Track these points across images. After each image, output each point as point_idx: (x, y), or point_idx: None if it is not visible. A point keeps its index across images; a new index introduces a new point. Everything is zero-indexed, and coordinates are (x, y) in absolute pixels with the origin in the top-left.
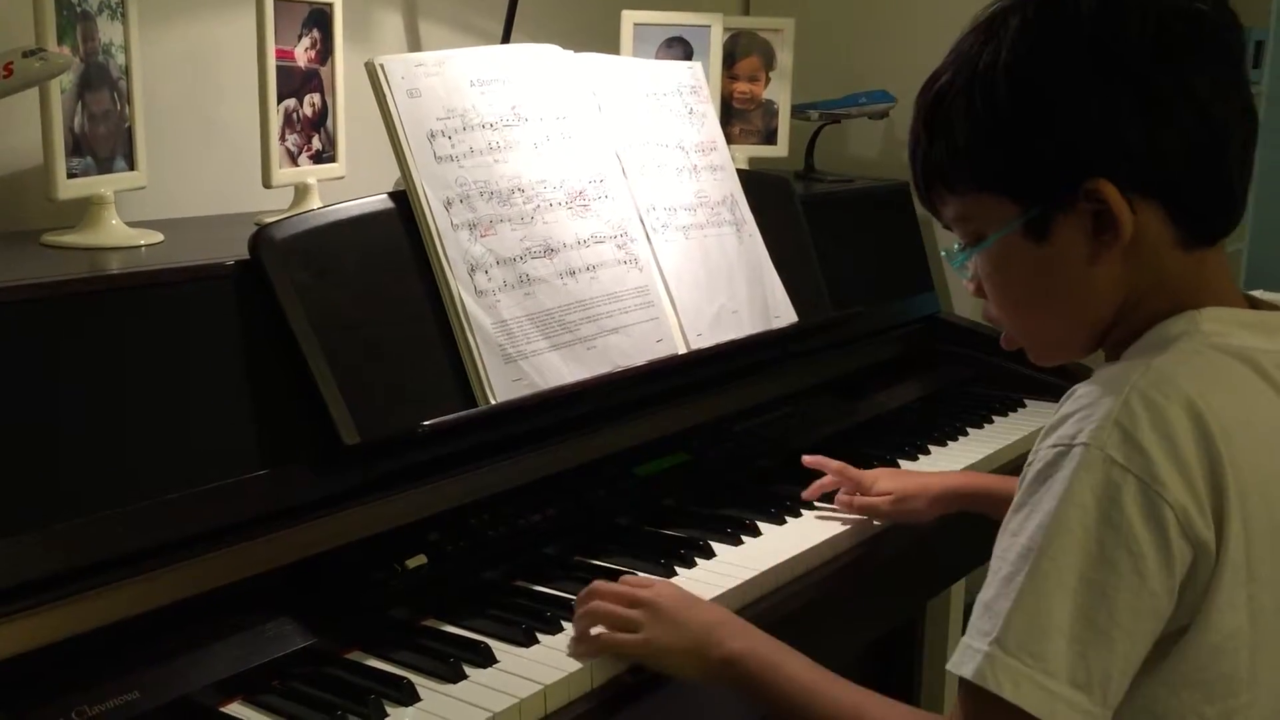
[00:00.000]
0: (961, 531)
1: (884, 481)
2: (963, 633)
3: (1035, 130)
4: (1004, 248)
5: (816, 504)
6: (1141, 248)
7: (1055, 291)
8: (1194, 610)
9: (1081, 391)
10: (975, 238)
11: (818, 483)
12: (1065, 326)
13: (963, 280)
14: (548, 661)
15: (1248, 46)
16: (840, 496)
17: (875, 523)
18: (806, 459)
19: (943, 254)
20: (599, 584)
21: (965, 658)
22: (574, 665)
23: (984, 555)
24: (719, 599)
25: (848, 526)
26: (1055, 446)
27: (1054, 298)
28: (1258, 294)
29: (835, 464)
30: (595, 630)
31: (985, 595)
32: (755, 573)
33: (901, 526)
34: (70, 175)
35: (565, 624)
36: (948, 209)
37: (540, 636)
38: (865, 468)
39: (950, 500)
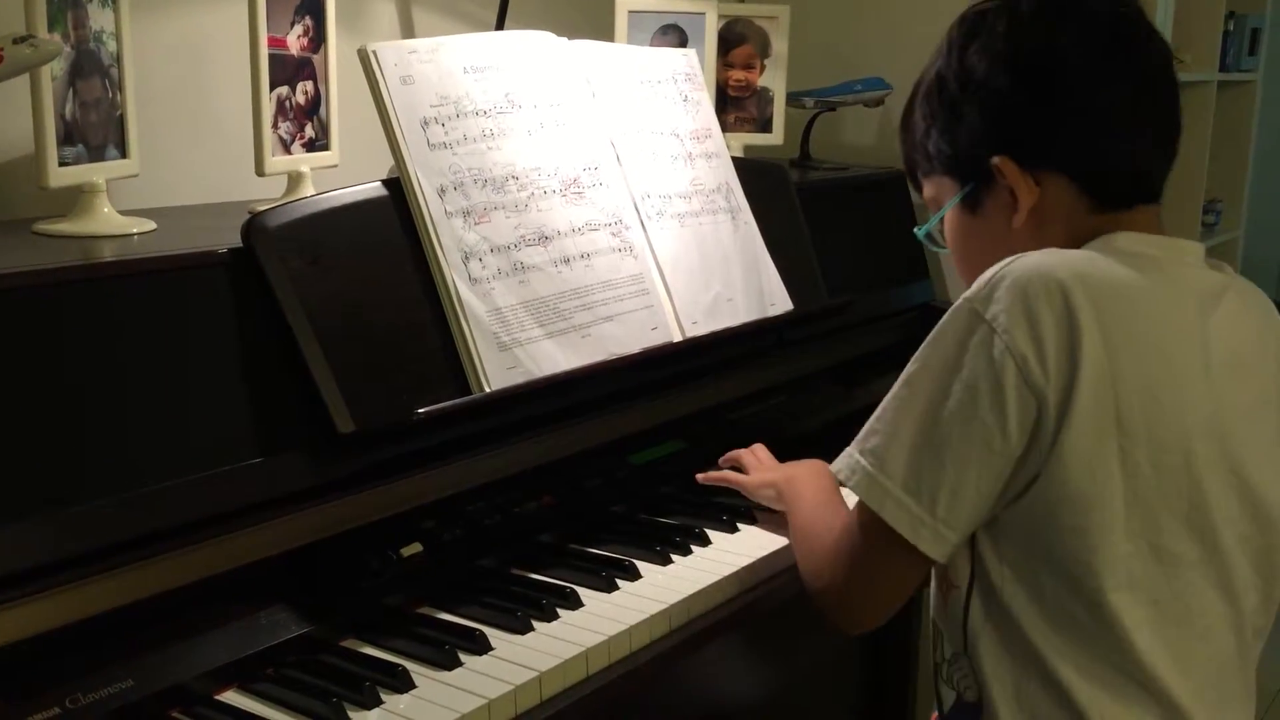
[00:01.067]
0: None
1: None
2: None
3: (959, 120)
4: (953, 219)
5: None
6: (1054, 212)
7: (988, 250)
8: (1042, 462)
9: (990, 268)
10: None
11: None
12: None
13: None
14: (543, 649)
15: (1141, 16)
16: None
17: None
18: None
19: (916, 231)
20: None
21: (842, 457)
22: (570, 652)
23: None
24: (715, 586)
25: None
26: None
27: (988, 255)
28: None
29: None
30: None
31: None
32: (751, 560)
33: None
34: (62, 163)
35: (561, 611)
36: (925, 190)
37: (535, 624)
38: None
39: None
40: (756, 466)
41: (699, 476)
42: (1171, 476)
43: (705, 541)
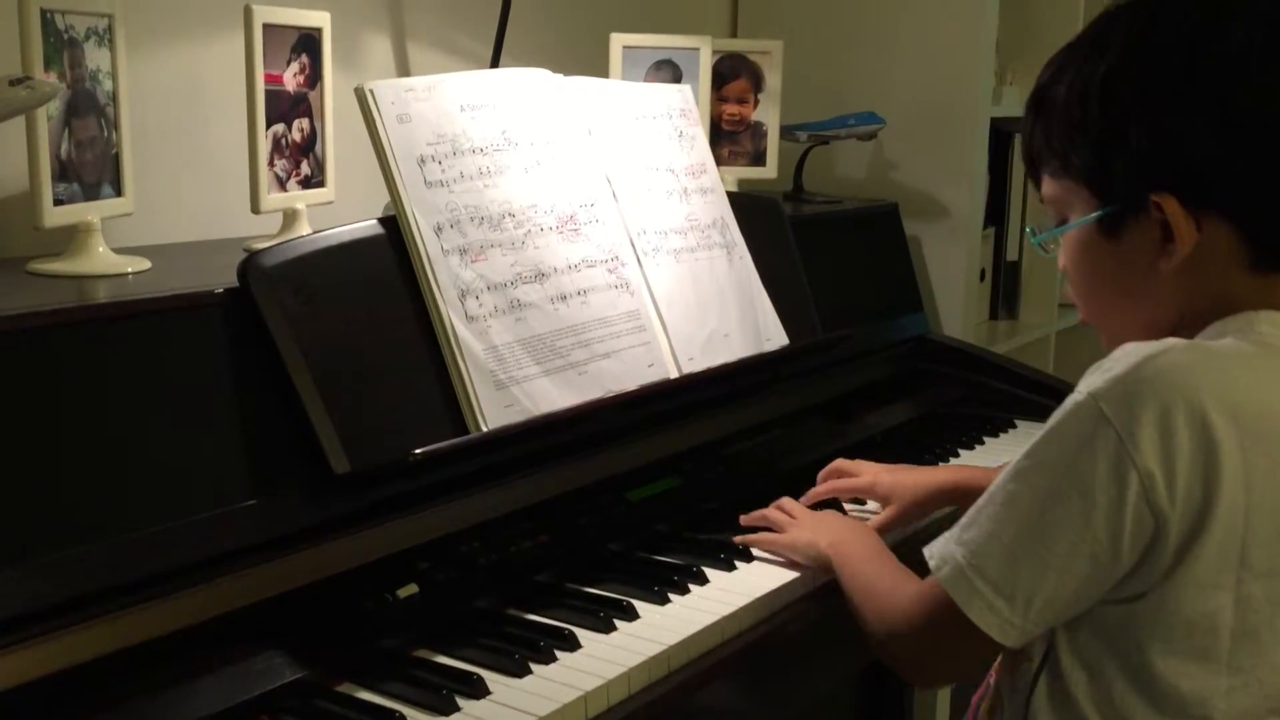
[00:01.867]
0: None
1: (872, 474)
2: None
3: (1114, 137)
4: (1081, 236)
5: None
6: (1207, 264)
7: (1118, 287)
8: (1154, 581)
9: (1123, 348)
10: (1060, 220)
11: (813, 491)
12: (1124, 321)
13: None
14: (541, 692)
15: None
16: (831, 484)
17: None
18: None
19: (1027, 230)
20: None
21: (939, 542)
22: (568, 696)
23: None
24: (714, 627)
25: None
26: (1075, 394)
27: (1117, 293)
28: None
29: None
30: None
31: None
32: (750, 599)
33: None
34: (57, 202)
35: (559, 653)
36: (1045, 187)
37: (533, 666)
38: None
39: (940, 496)
40: (789, 523)
41: (737, 540)
42: None
43: (703, 580)
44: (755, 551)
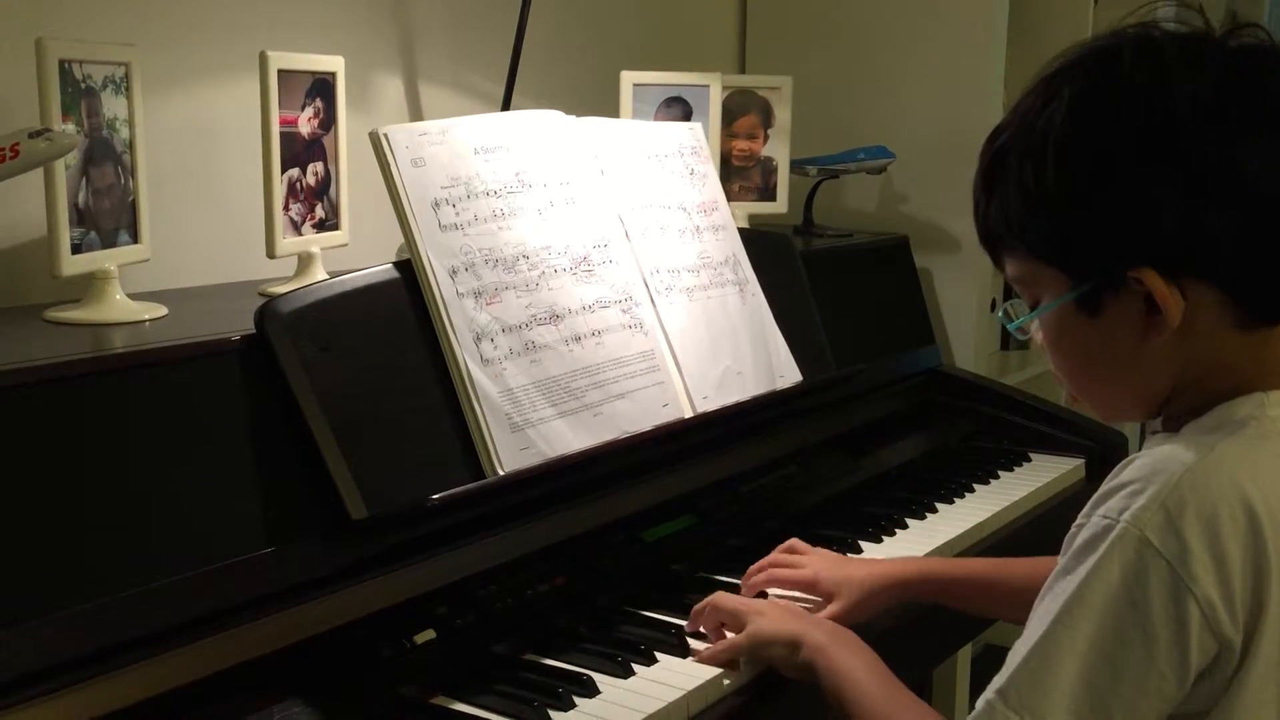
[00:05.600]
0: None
1: (816, 567)
2: (970, 700)
3: (1079, 211)
4: (1058, 317)
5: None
6: (1196, 329)
7: (1107, 363)
8: (1213, 698)
9: (1141, 461)
10: (1034, 300)
11: (750, 581)
12: (1117, 395)
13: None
14: None
15: None
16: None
17: None
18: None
19: (999, 315)
20: (715, 597)
21: (978, 706)
22: None
23: (983, 623)
24: (731, 673)
25: None
26: (1104, 518)
27: (1106, 369)
28: None
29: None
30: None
31: (1017, 644)
32: None
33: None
34: (74, 250)
35: (577, 699)
36: (1007, 268)
37: (552, 714)
38: (873, 527)
39: (892, 590)
40: (750, 612)
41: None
42: None
43: None
44: (772, 592)
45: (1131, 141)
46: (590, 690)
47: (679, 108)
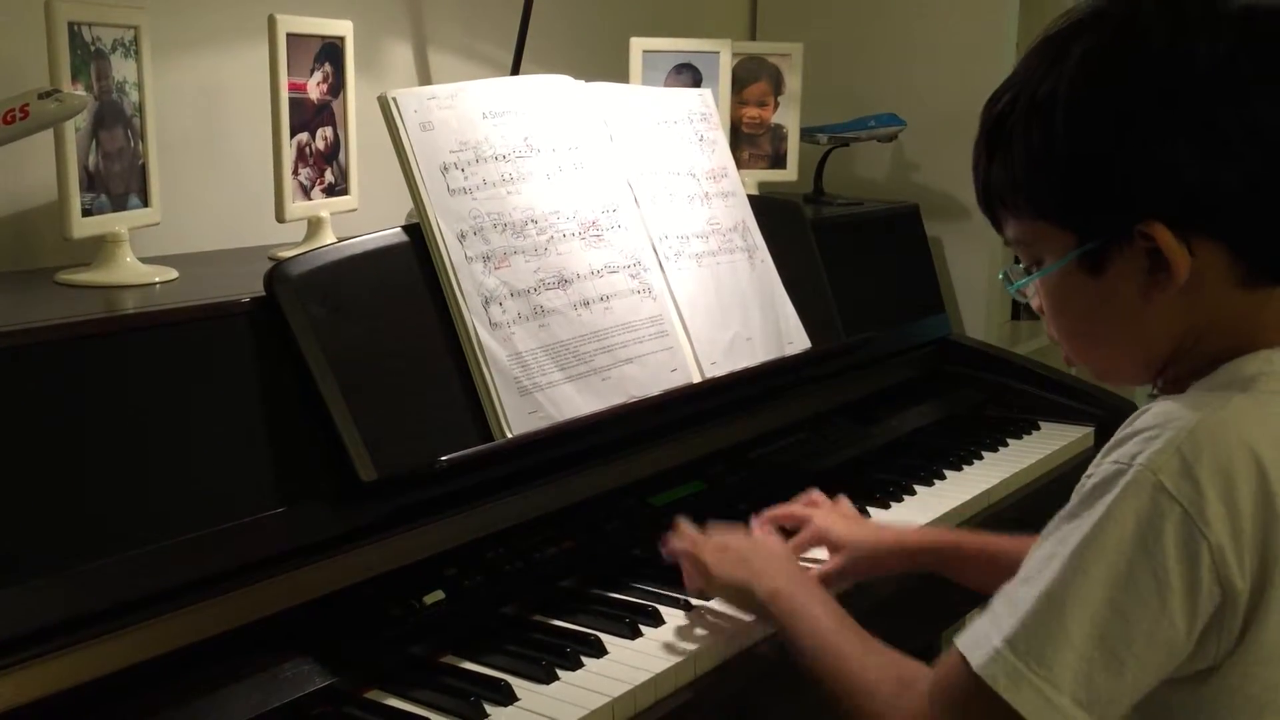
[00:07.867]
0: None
1: (826, 521)
2: None
3: (1089, 167)
4: (1060, 277)
5: None
6: (1201, 287)
7: (1109, 323)
8: (1220, 656)
9: (1156, 410)
10: (1033, 261)
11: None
12: (1118, 356)
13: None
14: (569, 699)
15: None
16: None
17: None
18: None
19: (1000, 276)
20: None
21: (978, 644)
22: (596, 702)
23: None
24: (741, 630)
25: None
26: (1116, 464)
27: (1108, 329)
28: None
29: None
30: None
31: (1012, 588)
32: None
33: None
34: (85, 213)
35: (585, 659)
36: (1008, 229)
37: (560, 673)
38: (881, 494)
39: (903, 558)
40: (717, 557)
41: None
42: None
43: None
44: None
45: (1149, 99)
46: (598, 650)
47: (689, 74)
